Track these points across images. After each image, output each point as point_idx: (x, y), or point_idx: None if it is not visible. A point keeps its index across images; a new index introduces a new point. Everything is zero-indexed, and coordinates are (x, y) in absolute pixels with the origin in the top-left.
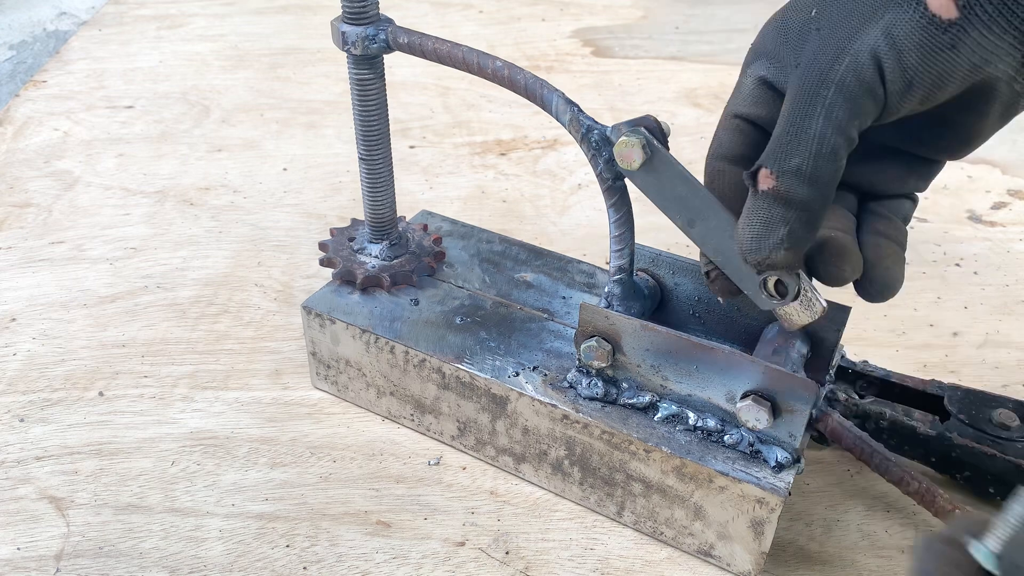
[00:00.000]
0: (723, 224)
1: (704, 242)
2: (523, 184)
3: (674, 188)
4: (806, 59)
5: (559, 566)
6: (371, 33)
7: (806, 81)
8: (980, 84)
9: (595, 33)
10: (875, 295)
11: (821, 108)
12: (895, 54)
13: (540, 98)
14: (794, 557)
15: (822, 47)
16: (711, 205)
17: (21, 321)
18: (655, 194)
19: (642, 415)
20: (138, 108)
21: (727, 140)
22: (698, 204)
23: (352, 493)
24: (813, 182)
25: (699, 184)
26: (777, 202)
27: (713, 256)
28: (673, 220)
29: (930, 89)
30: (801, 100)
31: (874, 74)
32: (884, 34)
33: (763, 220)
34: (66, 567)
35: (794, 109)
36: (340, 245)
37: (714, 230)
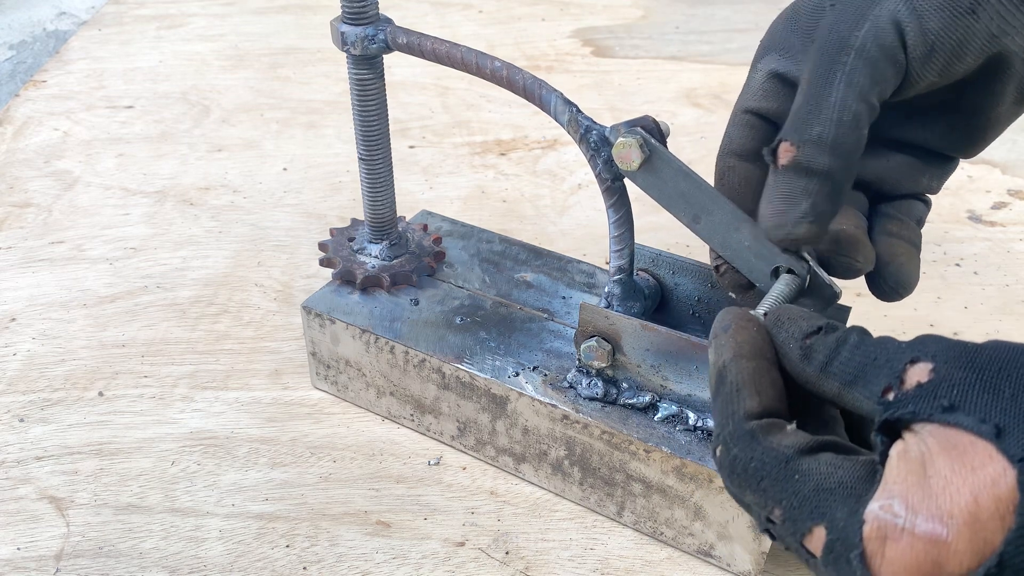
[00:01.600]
0: (728, 217)
1: (710, 237)
2: (523, 184)
3: (676, 185)
4: (823, 30)
5: (559, 566)
6: (370, 33)
7: (825, 49)
8: (996, 59)
9: (595, 33)
10: (890, 293)
11: (842, 75)
12: (916, 18)
13: (539, 98)
14: (794, 557)
15: (840, 17)
16: (715, 199)
17: (21, 321)
18: (657, 193)
19: (642, 415)
20: (138, 108)
21: (737, 136)
22: (701, 199)
23: (352, 493)
24: (835, 150)
25: (701, 179)
26: (799, 174)
27: (721, 250)
28: (678, 217)
29: (950, 56)
30: (821, 68)
31: (895, 39)
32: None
33: (785, 194)
34: (66, 567)
35: (814, 79)
36: (340, 245)
37: (719, 224)
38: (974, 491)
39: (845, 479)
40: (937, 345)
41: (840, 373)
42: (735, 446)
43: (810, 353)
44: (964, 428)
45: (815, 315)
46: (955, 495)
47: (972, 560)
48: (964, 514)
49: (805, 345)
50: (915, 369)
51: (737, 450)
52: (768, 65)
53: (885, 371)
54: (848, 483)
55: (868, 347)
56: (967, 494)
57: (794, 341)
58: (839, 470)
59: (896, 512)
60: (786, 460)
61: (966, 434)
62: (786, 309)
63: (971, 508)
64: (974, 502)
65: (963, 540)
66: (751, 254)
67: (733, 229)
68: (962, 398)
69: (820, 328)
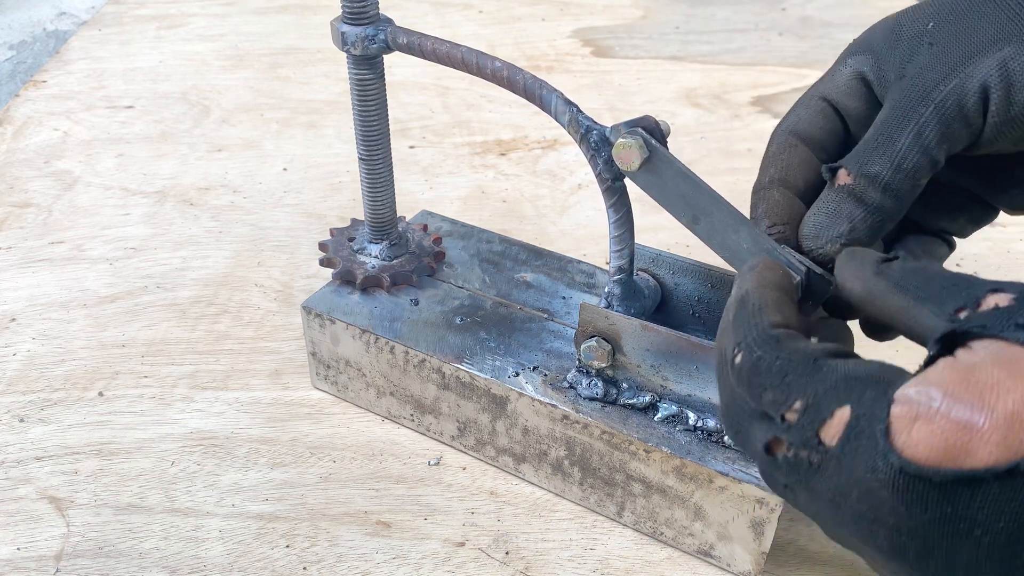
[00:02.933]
0: (727, 219)
1: (709, 238)
2: (523, 184)
3: (676, 186)
4: (912, 72)
5: (559, 566)
6: (371, 33)
7: (907, 95)
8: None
9: (595, 33)
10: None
11: (914, 125)
12: (1005, 88)
13: (539, 98)
14: (794, 557)
15: (931, 63)
16: (714, 201)
17: (21, 321)
18: (657, 193)
19: (642, 415)
20: (138, 108)
21: (807, 118)
22: (701, 200)
23: (352, 493)
24: (887, 192)
25: (700, 181)
26: (848, 198)
27: (719, 251)
28: (677, 218)
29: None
30: (897, 112)
31: (977, 104)
32: (999, 66)
33: (831, 212)
34: (66, 567)
35: (888, 119)
36: (340, 245)
37: (718, 225)
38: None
39: (873, 371)
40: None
41: (915, 288)
42: (759, 348)
43: (886, 270)
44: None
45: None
46: (1003, 393)
47: (1001, 454)
48: (1008, 410)
49: (880, 267)
50: (995, 296)
51: (761, 351)
52: (858, 65)
53: (964, 294)
54: (878, 374)
55: (950, 274)
56: (1018, 394)
57: (868, 264)
58: (868, 365)
59: (932, 396)
60: (814, 358)
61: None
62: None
63: (1017, 407)
64: (1022, 401)
65: (998, 432)
66: (748, 256)
67: (732, 231)
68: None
69: (898, 256)
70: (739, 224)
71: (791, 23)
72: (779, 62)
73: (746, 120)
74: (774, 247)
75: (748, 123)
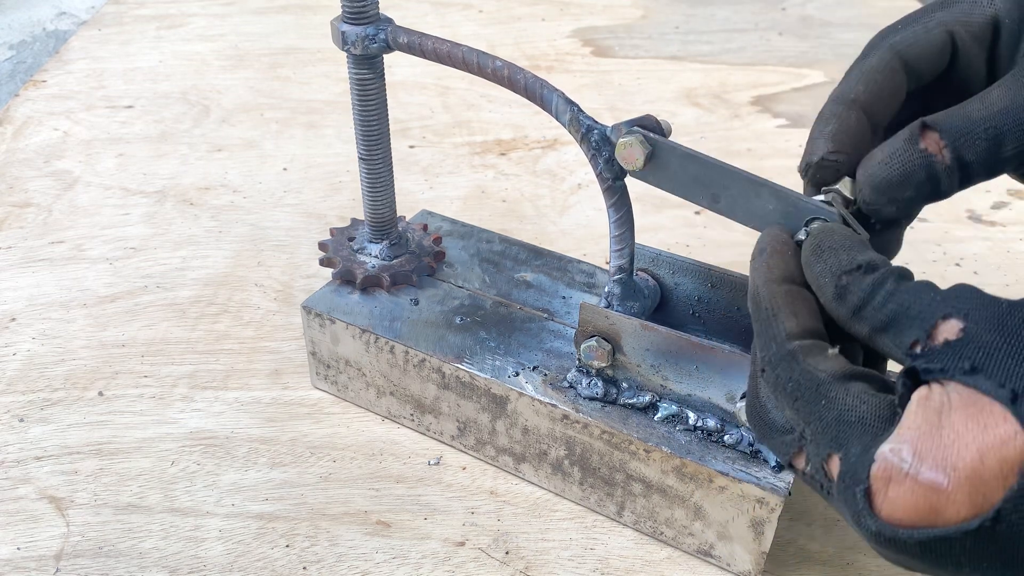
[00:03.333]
0: (745, 186)
1: (733, 211)
2: (523, 184)
3: (686, 171)
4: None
5: (559, 566)
6: (371, 33)
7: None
8: None
9: (595, 33)
10: None
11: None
12: None
13: (540, 98)
14: (794, 557)
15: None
16: (728, 173)
17: (21, 321)
18: (669, 185)
19: (642, 415)
20: (138, 108)
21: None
22: (715, 177)
23: (352, 493)
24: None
25: (709, 158)
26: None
27: (746, 221)
28: (697, 202)
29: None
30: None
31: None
32: None
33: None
34: (66, 567)
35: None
36: (340, 245)
37: (739, 196)
38: (981, 449)
39: (866, 415)
40: (971, 302)
41: (871, 318)
42: (777, 366)
43: (844, 293)
44: (982, 391)
45: (858, 245)
46: (963, 450)
47: (969, 512)
48: (968, 469)
49: (841, 283)
50: (946, 325)
51: (779, 371)
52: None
53: (917, 323)
54: (868, 420)
55: (903, 295)
56: (974, 451)
57: (830, 275)
58: (863, 405)
59: (904, 457)
60: (818, 384)
61: (985, 396)
62: (829, 234)
63: (975, 464)
64: (979, 459)
65: (962, 492)
66: (777, 215)
67: (754, 196)
68: (986, 361)
69: (859, 266)
70: (759, 187)
71: (791, 23)
72: (779, 62)
73: (746, 120)
74: (799, 197)
75: (748, 123)
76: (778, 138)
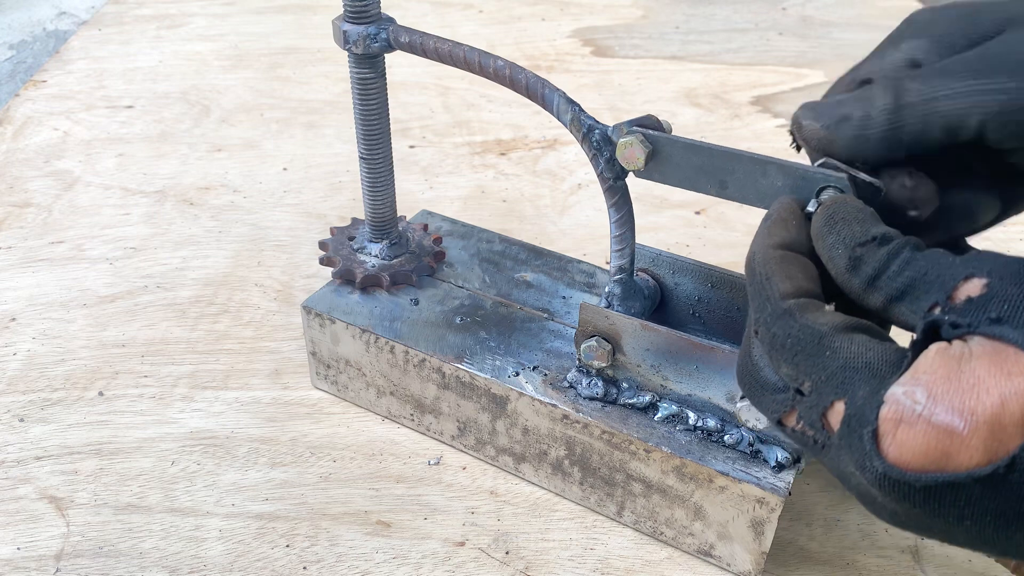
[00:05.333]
0: (751, 167)
1: (743, 195)
2: (523, 184)
3: (690, 163)
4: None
5: (559, 566)
6: (372, 32)
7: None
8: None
9: (595, 33)
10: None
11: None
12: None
13: (541, 97)
14: (794, 557)
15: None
16: (731, 157)
17: (21, 321)
18: (675, 178)
19: (642, 415)
20: (138, 108)
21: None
22: (720, 163)
23: (352, 493)
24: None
25: (710, 145)
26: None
27: (757, 203)
28: (705, 192)
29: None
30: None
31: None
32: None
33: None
34: (66, 567)
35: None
36: (340, 244)
37: (746, 178)
38: (1004, 395)
39: (872, 360)
40: (993, 262)
41: (887, 287)
42: (773, 325)
43: (858, 264)
44: (1007, 340)
45: (871, 218)
46: (984, 395)
47: (983, 457)
48: (987, 413)
49: (855, 255)
50: (968, 285)
51: (776, 328)
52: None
53: (936, 287)
54: (875, 364)
55: (920, 262)
56: (996, 396)
57: (843, 246)
58: (869, 351)
59: (917, 399)
60: (820, 336)
61: (1010, 346)
62: (842, 205)
63: (996, 409)
64: (1000, 404)
65: (979, 437)
66: (787, 190)
67: (761, 175)
68: (1011, 313)
69: (874, 238)
70: (765, 165)
71: (791, 23)
72: (779, 62)
73: (746, 120)
74: (807, 168)
75: (748, 123)
76: (778, 138)
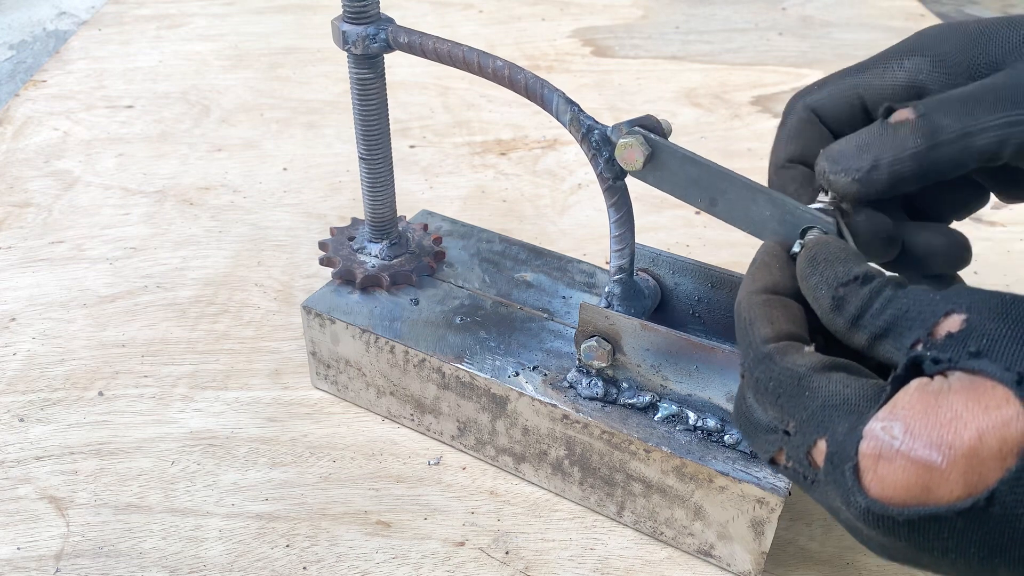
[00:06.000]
0: (743, 191)
1: (731, 216)
2: (523, 184)
3: (685, 173)
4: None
5: (559, 566)
6: (371, 32)
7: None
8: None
9: (595, 33)
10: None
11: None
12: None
13: (541, 98)
14: (794, 557)
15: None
16: (726, 177)
17: (21, 321)
18: (669, 186)
19: (642, 415)
20: (138, 108)
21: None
22: (714, 181)
23: (352, 493)
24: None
25: (708, 162)
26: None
27: (744, 227)
28: (695, 204)
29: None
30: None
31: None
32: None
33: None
34: (66, 567)
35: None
36: (340, 244)
37: (736, 201)
38: (981, 429)
39: (850, 397)
40: (972, 297)
41: (870, 326)
42: (756, 369)
43: (841, 304)
44: (987, 374)
45: (854, 258)
46: (961, 429)
47: (962, 491)
48: (965, 447)
49: (838, 295)
50: (948, 321)
51: (758, 372)
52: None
53: (917, 324)
54: (852, 401)
55: (902, 300)
56: (973, 430)
57: (827, 287)
58: (847, 388)
59: (895, 434)
60: (799, 377)
61: (988, 380)
62: (824, 246)
63: (973, 443)
64: (978, 438)
65: (957, 471)
66: (774, 221)
67: (751, 201)
68: (990, 347)
69: (856, 277)
70: (756, 193)
71: (791, 23)
72: (779, 62)
73: (746, 120)
74: (796, 206)
75: (748, 123)
76: None
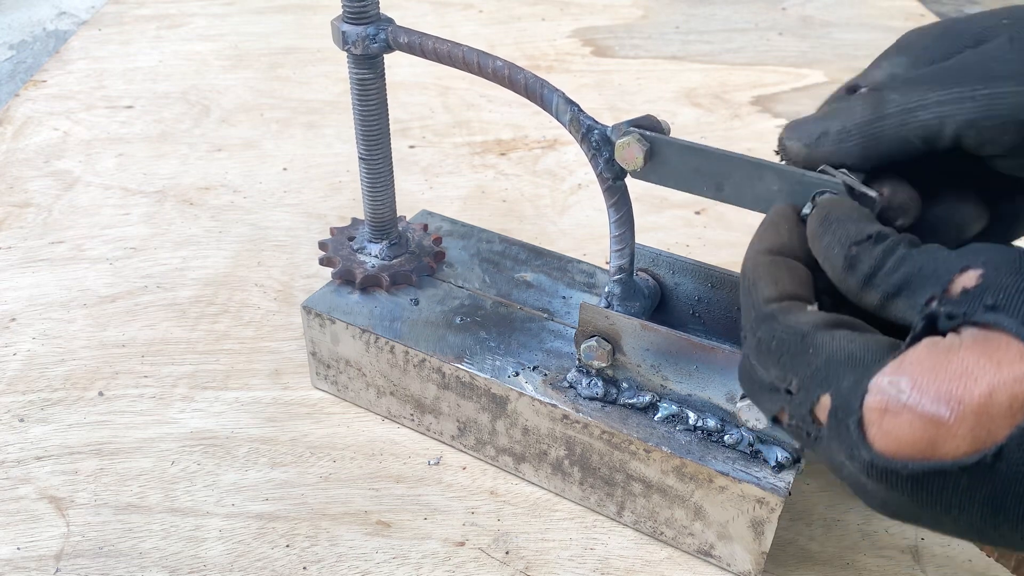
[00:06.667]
0: (748, 170)
1: (739, 198)
2: (523, 184)
3: (687, 164)
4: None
5: (559, 566)
6: (371, 32)
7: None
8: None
9: (595, 33)
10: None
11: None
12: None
13: (540, 98)
14: (794, 557)
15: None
16: (728, 160)
17: (21, 321)
18: (673, 180)
19: (642, 415)
20: (138, 108)
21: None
22: (717, 166)
23: (352, 493)
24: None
25: (708, 147)
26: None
27: (753, 206)
28: (701, 194)
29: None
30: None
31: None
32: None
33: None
34: (66, 567)
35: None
36: (340, 244)
37: (743, 181)
38: (992, 384)
39: (855, 352)
40: (989, 252)
41: (883, 284)
42: (758, 329)
43: (855, 263)
44: (1002, 328)
45: (866, 218)
46: (971, 384)
47: (969, 447)
48: (975, 402)
49: (850, 253)
50: (963, 277)
51: (760, 332)
52: (894, 68)
53: (932, 281)
54: (857, 355)
55: (916, 257)
56: (984, 385)
57: (839, 246)
58: (851, 344)
59: (902, 388)
60: (802, 335)
61: (1003, 334)
62: (836, 205)
63: (983, 399)
64: (988, 394)
65: (965, 426)
66: (783, 195)
67: (757, 179)
68: (1007, 301)
69: (869, 236)
70: (761, 170)
71: (791, 23)
72: (779, 62)
73: (746, 120)
74: (804, 174)
75: (748, 123)
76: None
